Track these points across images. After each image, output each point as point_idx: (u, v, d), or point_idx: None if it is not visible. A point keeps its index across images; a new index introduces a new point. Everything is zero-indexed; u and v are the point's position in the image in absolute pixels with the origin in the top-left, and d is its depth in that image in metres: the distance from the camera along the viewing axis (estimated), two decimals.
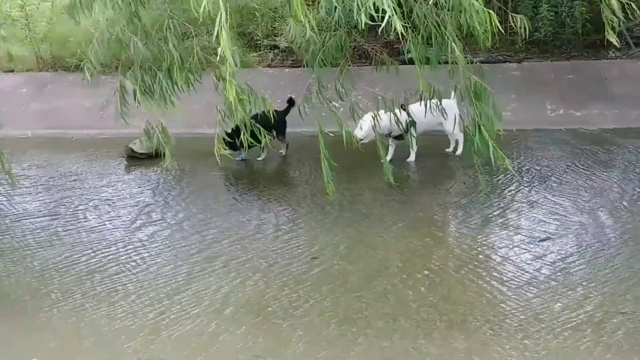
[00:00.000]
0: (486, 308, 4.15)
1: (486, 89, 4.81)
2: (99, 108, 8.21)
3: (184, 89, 4.81)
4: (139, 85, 4.74)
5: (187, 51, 4.76)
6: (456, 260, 4.79)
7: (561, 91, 8.10)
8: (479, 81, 4.82)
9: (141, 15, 4.69)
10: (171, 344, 3.92)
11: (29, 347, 3.96)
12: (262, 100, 4.49)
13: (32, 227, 5.64)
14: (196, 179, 6.50)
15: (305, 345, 3.86)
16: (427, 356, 3.72)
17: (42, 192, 6.49)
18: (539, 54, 8.92)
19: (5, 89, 9.19)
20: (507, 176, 6.21)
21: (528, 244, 4.95)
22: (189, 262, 4.91)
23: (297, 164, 6.92)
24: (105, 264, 4.92)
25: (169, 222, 5.65)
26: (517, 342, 3.79)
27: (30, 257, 5.09)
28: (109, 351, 3.90)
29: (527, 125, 7.54)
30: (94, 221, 5.72)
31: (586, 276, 4.47)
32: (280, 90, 8.36)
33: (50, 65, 9.48)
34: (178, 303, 4.34)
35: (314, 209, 5.71)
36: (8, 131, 8.19)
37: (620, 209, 5.44)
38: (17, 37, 9.56)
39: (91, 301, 4.41)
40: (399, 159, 6.58)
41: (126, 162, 7.11)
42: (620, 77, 8.29)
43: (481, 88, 4.81)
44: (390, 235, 5.21)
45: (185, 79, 4.74)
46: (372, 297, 4.32)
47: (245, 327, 4.05)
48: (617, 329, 3.86)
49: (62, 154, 7.65)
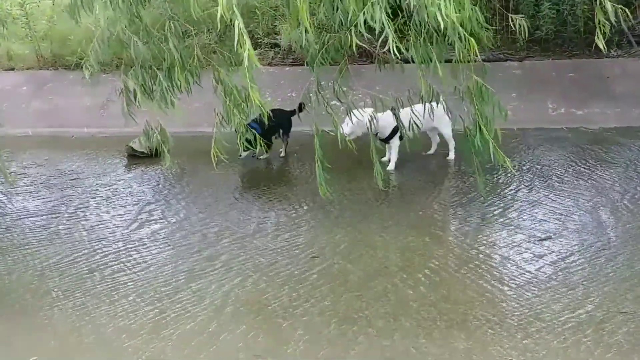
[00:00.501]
0: (486, 307, 4.15)
1: (488, 88, 4.80)
2: (99, 107, 8.23)
3: (183, 90, 4.80)
4: (139, 85, 4.74)
5: (187, 50, 4.75)
6: (456, 259, 4.78)
7: (563, 90, 8.08)
8: (480, 81, 4.81)
9: (142, 15, 4.68)
10: (172, 343, 3.92)
11: (29, 346, 3.96)
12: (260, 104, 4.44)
13: (32, 225, 5.65)
14: (196, 177, 6.49)
15: (306, 344, 3.86)
16: (427, 355, 3.72)
17: (42, 190, 6.49)
18: (540, 52, 8.90)
19: (6, 87, 9.19)
20: (508, 175, 6.21)
21: (528, 244, 4.94)
22: (189, 260, 4.91)
23: (297, 163, 6.92)
24: (106, 263, 4.92)
25: (170, 220, 5.65)
26: (517, 342, 3.79)
27: (30, 255, 5.09)
28: (109, 350, 3.90)
29: (528, 124, 7.53)
30: (94, 220, 5.72)
31: (587, 276, 4.46)
32: (280, 89, 8.36)
33: (51, 63, 9.47)
34: (178, 302, 4.34)
35: (314, 208, 5.70)
36: (8, 130, 8.19)
37: (621, 209, 5.43)
38: (18, 35, 9.54)
39: (91, 300, 4.41)
40: (401, 160, 6.57)
41: (126, 161, 7.11)
42: (622, 75, 8.28)
43: (483, 88, 4.80)
44: (391, 235, 5.21)
45: (186, 79, 4.73)
46: (372, 296, 4.32)
47: (246, 326, 4.05)
48: (618, 328, 3.86)
49: (62, 152, 7.65)
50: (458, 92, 5.03)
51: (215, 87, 4.76)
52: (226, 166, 6.37)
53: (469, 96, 4.91)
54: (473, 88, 4.81)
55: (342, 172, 6.34)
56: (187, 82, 4.75)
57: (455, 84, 4.95)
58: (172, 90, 4.76)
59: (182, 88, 4.73)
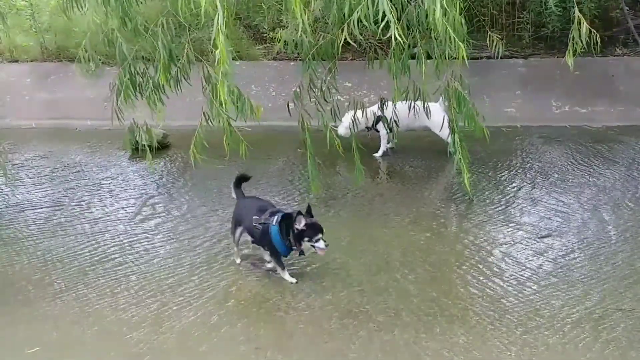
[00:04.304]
0: (487, 303, 4.17)
1: (466, 98, 4.86)
2: (102, 99, 8.22)
3: (168, 90, 4.79)
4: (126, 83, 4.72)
5: (180, 47, 4.73)
6: (457, 255, 4.80)
7: (567, 88, 8.07)
8: (459, 89, 4.85)
9: (135, 13, 4.66)
10: (174, 335, 3.95)
11: (31, 337, 3.99)
12: (250, 106, 4.42)
13: (35, 217, 5.67)
14: (199, 171, 6.50)
15: (307, 337, 3.88)
16: (427, 350, 3.74)
17: (45, 182, 6.51)
18: (545, 50, 8.89)
19: (10, 79, 9.21)
20: (511, 172, 6.22)
21: (529, 240, 4.96)
22: (191, 254, 4.93)
23: (300, 158, 6.92)
24: (109, 255, 4.95)
25: (173, 214, 5.67)
26: (516, 337, 3.82)
27: (33, 247, 5.12)
28: (112, 342, 3.92)
29: (531, 121, 7.54)
30: (97, 212, 5.75)
31: (586, 273, 4.48)
32: (284, 84, 8.36)
33: (55, 55, 9.49)
34: (180, 295, 4.37)
35: (317, 203, 5.71)
36: (12, 121, 8.24)
37: (623, 207, 5.44)
38: (22, 27, 9.55)
39: (94, 292, 4.45)
40: (400, 156, 6.58)
41: (129, 154, 7.12)
42: (626, 74, 8.26)
43: (460, 95, 4.84)
44: (392, 230, 5.23)
45: (176, 77, 4.73)
46: (373, 291, 4.34)
47: (247, 319, 4.08)
48: (617, 325, 3.88)
49: (65, 144, 7.68)
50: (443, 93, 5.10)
51: (205, 87, 4.74)
52: (229, 160, 6.39)
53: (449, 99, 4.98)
54: (452, 94, 4.86)
55: (344, 168, 6.37)
56: (176, 79, 4.74)
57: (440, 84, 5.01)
58: (157, 90, 4.76)
59: (164, 89, 4.73)
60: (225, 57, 3.63)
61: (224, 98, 3.83)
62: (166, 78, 4.53)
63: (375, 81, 7.83)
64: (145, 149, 5.20)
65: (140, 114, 5.06)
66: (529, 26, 8.87)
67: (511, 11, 8.96)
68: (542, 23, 8.79)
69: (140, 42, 4.74)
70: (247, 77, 8.02)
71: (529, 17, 8.85)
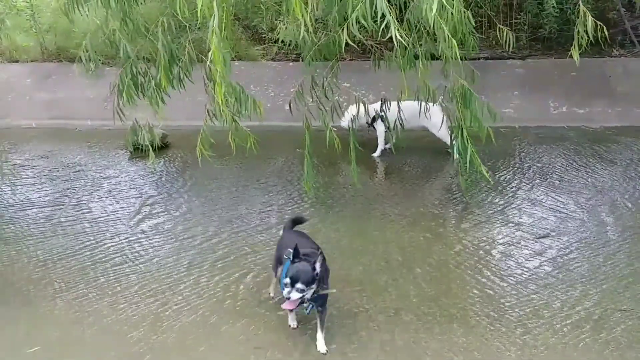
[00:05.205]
0: (486, 303, 4.18)
1: (473, 93, 4.80)
2: (102, 99, 8.23)
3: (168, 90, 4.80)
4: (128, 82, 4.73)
5: (181, 47, 4.74)
6: (457, 255, 4.81)
7: (564, 89, 8.09)
8: (466, 85, 4.82)
9: (136, 14, 4.67)
10: (173, 334, 3.96)
11: (31, 336, 4.00)
12: (252, 102, 4.43)
13: (35, 217, 5.68)
14: (199, 171, 6.51)
15: (306, 337, 3.89)
16: (427, 350, 3.75)
17: (46, 182, 6.52)
18: (543, 50, 8.92)
19: (10, 79, 9.22)
20: (509, 173, 6.23)
21: (528, 241, 4.97)
22: (191, 253, 4.94)
23: (300, 158, 6.93)
24: (109, 255, 4.96)
25: (172, 213, 5.68)
26: (516, 338, 3.83)
27: (33, 246, 5.13)
28: (112, 341, 3.93)
29: (529, 122, 7.55)
30: (97, 212, 5.75)
31: (585, 273, 4.50)
32: (283, 84, 8.38)
33: (55, 56, 9.50)
34: (180, 294, 4.38)
35: (316, 202, 5.73)
36: (12, 121, 8.24)
37: (621, 207, 5.46)
38: (22, 27, 9.56)
39: (94, 291, 4.45)
40: (399, 156, 6.59)
41: (129, 154, 7.13)
42: (624, 75, 8.29)
43: (468, 92, 4.79)
44: (392, 230, 5.24)
45: (178, 77, 4.74)
46: (373, 291, 4.35)
47: (247, 319, 4.09)
48: (616, 325, 3.90)
49: (65, 144, 7.68)
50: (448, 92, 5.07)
51: (207, 85, 4.75)
52: (229, 160, 6.41)
53: (454, 98, 4.92)
54: (458, 91, 4.81)
55: (344, 167, 6.38)
56: (178, 79, 4.75)
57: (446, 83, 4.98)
58: (159, 90, 4.77)
59: (166, 89, 4.74)
60: (219, 58, 3.64)
61: (222, 99, 3.84)
62: (168, 79, 4.54)
63: (374, 82, 7.85)
64: (147, 148, 5.21)
65: (142, 114, 5.07)
66: (526, 27, 8.90)
67: (508, 12, 8.99)
68: (540, 24, 8.82)
69: (141, 42, 4.75)
70: (246, 77, 8.03)
71: (526, 18, 8.88)
